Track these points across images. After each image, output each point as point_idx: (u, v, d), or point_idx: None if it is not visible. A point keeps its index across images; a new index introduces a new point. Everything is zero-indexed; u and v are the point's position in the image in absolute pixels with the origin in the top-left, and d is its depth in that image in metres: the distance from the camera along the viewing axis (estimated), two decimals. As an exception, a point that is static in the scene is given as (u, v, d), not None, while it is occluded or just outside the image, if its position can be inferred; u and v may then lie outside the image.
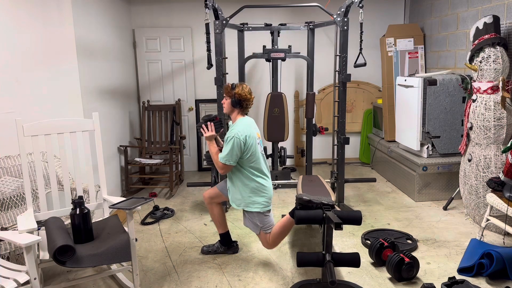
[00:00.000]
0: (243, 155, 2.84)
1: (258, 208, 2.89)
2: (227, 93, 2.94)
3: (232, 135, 2.79)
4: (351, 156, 5.99)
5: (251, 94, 2.95)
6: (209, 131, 2.97)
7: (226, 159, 2.81)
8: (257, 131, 2.99)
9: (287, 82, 5.78)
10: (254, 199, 2.89)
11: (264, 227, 2.90)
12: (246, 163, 2.87)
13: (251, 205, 2.89)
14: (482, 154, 3.56)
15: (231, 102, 2.93)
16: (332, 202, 2.67)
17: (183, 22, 5.52)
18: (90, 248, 2.32)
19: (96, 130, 2.85)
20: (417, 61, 5.25)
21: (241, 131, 2.81)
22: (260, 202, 2.89)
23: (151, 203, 4.35)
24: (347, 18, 3.85)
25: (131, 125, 5.26)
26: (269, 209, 2.95)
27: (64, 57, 3.59)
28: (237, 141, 2.77)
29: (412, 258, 2.78)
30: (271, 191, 2.98)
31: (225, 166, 2.84)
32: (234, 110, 2.97)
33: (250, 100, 2.95)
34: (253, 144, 2.85)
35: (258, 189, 2.89)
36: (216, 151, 2.95)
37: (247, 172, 2.89)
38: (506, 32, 3.72)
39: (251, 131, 2.87)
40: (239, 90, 2.89)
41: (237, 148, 2.78)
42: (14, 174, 2.92)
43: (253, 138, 2.86)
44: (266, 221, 2.91)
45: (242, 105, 2.93)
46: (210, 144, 2.99)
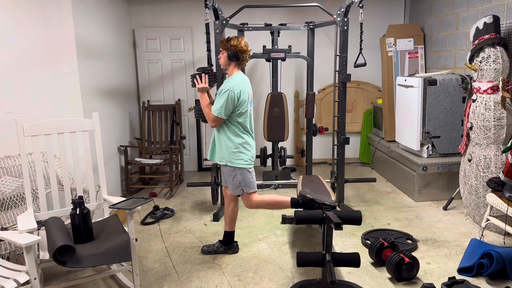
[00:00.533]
0: (234, 110, 2.84)
1: (242, 164, 2.90)
2: (223, 46, 2.91)
3: (227, 88, 2.78)
4: (351, 156, 5.99)
5: (247, 46, 2.92)
6: (203, 82, 2.95)
7: (218, 111, 2.80)
8: (251, 90, 3.00)
9: (287, 82, 5.78)
10: (238, 154, 2.91)
11: (246, 186, 2.92)
12: (234, 118, 2.88)
13: (234, 160, 2.91)
14: (482, 154, 3.56)
15: (227, 56, 2.90)
16: (334, 203, 2.68)
17: (183, 22, 5.52)
18: (90, 248, 2.32)
19: (96, 130, 2.85)
20: (417, 61, 5.25)
21: (236, 85, 2.81)
22: (244, 158, 2.92)
23: (151, 203, 4.35)
24: (347, 18, 3.85)
25: (131, 125, 5.26)
26: (252, 166, 2.97)
27: (64, 57, 3.59)
28: (232, 95, 2.77)
29: (412, 258, 2.78)
30: (254, 150, 3.01)
31: (216, 119, 2.83)
32: (230, 63, 2.94)
33: (246, 52, 2.91)
34: (246, 101, 2.86)
35: (243, 145, 2.92)
36: (208, 103, 2.93)
37: (235, 128, 2.90)
38: (506, 32, 3.72)
39: (245, 87, 2.88)
40: (235, 42, 2.87)
41: (231, 101, 2.78)
42: (14, 174, 2.92)
43: (246, 94, 2.87)
44: (248, 178, 2.92)
45: (238, 58, 2.90)
46: (201, 96, 2.96)
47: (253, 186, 3.00)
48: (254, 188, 3.02)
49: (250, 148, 2.97)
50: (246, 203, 3.06)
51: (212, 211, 4.17)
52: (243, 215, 4.03)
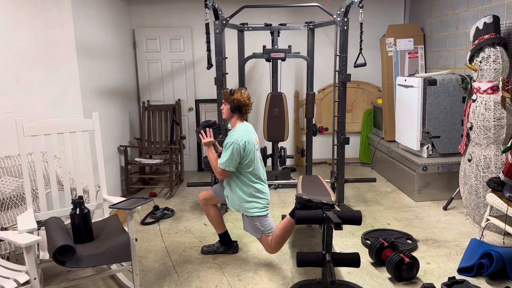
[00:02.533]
0: (242, 161, 2.84)
1: (257, 212, 2.89)
2: (226, 99, 2.94)
3: (231, 141, 2.79)
4: (351, 156, 5.99)
5: (250, 99, 2.95)
6: (208, 137, 2.97)
7: (225, 165, 2.81)
8: (256, 137, 2.99)
9: (287, 82, 5.78)
10: (253, 203, 2.90)
11: (265, 230, 2.90)
12: (244, 169, 2.88)
13: (249, 210, 2.90)
14: (482, 154, 3.56)
15: (230, 108, 2.93)
16: (331, 201, 2.67)
17: (183, 22, 5.52)
18: (90, 248, 2.32)
19: (96, 130, 2.84)
20: (417, 61, 5.25)
21: (241, 137, 2.81)
22: (259, 207, 2.90)
23: (151, 203, 4.35)
24: (347, 18, 3.85)
25: (131, 125, 5.26)
26: (268, 212, 2.96)
27: (64, 57, 3.59)
28: (237, 147, 2.77)
29: (412, 258, 2.78)
30: (268, 195, 3.00)
31: (224, 172, 2.84)
32: (233, 115, 2.96)
33: (249, 106, 2.94)
34: (252, 150, 2.86)
35: (256, 195, 2.91)
36: (215, 157, 2.95)
37: (245, 178, 2.89)
38: (506, 32, 3.72)
39: (250, 137, 2.87)
40: (238, 95, 2.89)
41: (237, 154, 2.78)
42: (14, 174, 2.92)
43: (252, 144, 2.86)
44: (266, 223, 2.91)
45: (241, 110, 2.93)
46: (208, 150, 2.98)
47: (272, 229, 2.94)
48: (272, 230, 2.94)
49: (263, 195, 2.94)
50: (267, 249, 2.96)
51: (212, 211, 4.17)
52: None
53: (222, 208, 4.06)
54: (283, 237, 2.85)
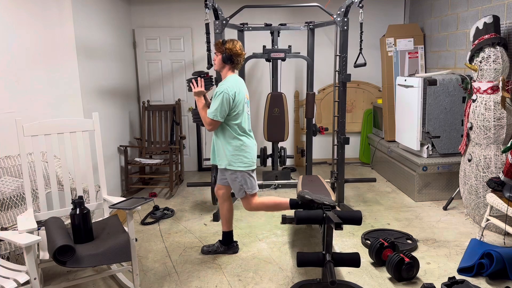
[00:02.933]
0: (230, 112, 2.83)
1: (242, 167, 2.89)
2: (218, 49, 2.91)
3: (221, 90, 2.78)
4: (351, 156, 5.99)
5: (242, 50, 2.92)
6: (199, 86, 2.95)
7: (214, 114, 2.79)
8: (246, 91, 2.99)
9: (287, 82, 5.78)
10: (238, 157, 2.89)
11: (248, 188, 2.91)
12: (231, 121, 2.87)
13: (234, 163, 2.89)
14: (482, 154, 3.56)
15: (222, 58, 2.90)
16: (333, 203, 2.68)
17: (183, 22, 5.52)
18: (90, 248, 2.32)
19: (96, 130, 2.85)
20: (417, 61, 5.25)
21: (231, 87, 2.80)
22: (244, 161, 2.89)
23: (151, 203, 4.35)
24: (347, 18, 3.85)
25: (131, 125, 5.26)
26: (253, 168, 2.96)
27: (64, 57, 3.59)
28: (226, 96, 2.77)
29: (412, 258, 2.78)
30: (255, 151, 2.98)
31: (213, 122, 2.83)
32: (225, 66, 2.94)
33: (241, 56, 2.91)
34: (241, 102, 2.85)
35: (242, 148, 2.90)
36: (204, 106, 2.93)
37: (232, 130, 2.89)
38: (506, 32, 3.72)
39: (240, 88, 2.87)
40: (230, 45, 2.87)
41: (226, 103, 2.78)
42: (14, 174, 2.92)
43: (242, 96, 2.87)
44: (250, 181, 2.91)
45: (233, 61, 2.90)
46: (198, 100, 2.95)
47: (254, 187, 2.99)
48: (255, 189, 3.01)
49: (250, 149, 2.95)
50: (246, 206, 3.05)
51: (212, 211, 4.17)
52: (243, 215, 4.03)
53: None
54: (268, 207, 2.91)
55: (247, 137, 2.96)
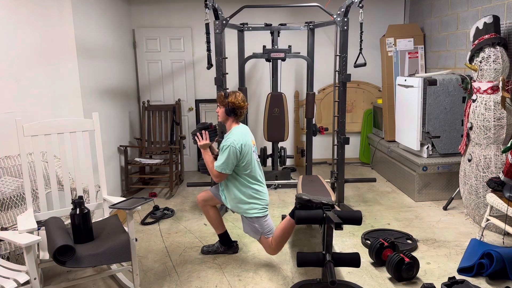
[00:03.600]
0: (238, 163, 2.84)
1: (256, 213, 2.89)
2: (221, 102, 2.95)
3: (228, 143, 2.79)
4: (351, 156, 5.99)
5: (244, 102, 2.95)
6: (204, 139, 2.97)
7: (222, 167, 2.81)
8: (252, 138, 3.00)
9: (287, 82, 5.78)
10: (251, 205, 2.90)
11: (264, 232, 2.90)
12: (241, 171, 2.88)
13: (248, 211, 2.90)
14: (482, 154, 3.56)
15: (225, 111, 2.94)
16: (332, 202, 2.67)
17: (183, 22, 5.52)
18: (90, 248, 2.32)
19: (96, 130, 2.84)
20: (417, 61, 5.25)
21: (237, 140, 2.81)
22: (258, 208, 2.90)
23: (151, 203, 4.35)
24: (347, 18, 3.85)
25: (131, 125, 5.26)
26: (267, 213, 2.96)
27: (64, 57, 3.59)
28: (233, 150, 2.77)
29: (412, 258, 2.78)
30: (267, 196, 2.99)
31: (220, 175, 2.85)
32: (228, 118, 2.97)
33: (243, 108, 2.95)
34: (248, 152, 2.86)
35: (254, 196, 2.90)
36: (211, 159, 2.95)
37: (243, 180, 2.90)
38: (506, 32, 3.72)
39: (246, 139, 2.88)
40: (232, 98, 2.90)
41: (233, 156, 2.79)
42: (14, 174, 2.92)
43: (248, 146, 2.86)
44: (266, 225, 2.91)
45: (236, 113, 2.94)
46: (204, 153, 2.98)
47: (272, 230, 2.94)
48: (272, 232, 2.95)
49: (262, 196, 2.94)
50: (268, 250, 2.96)
51: (212, 211, 4.16)
52: (243, 215, 4.03)
53: (222, 208, 4.06)
54: (283, 237, 2.84)
55: (258, 185, 2.95)
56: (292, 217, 2.72)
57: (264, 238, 2.91)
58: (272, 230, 2.93)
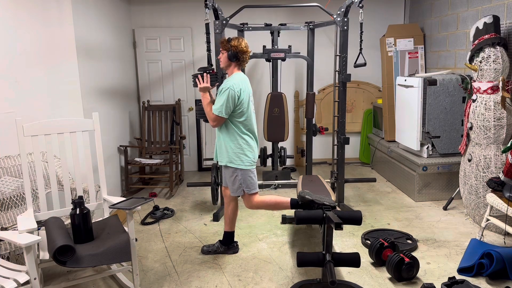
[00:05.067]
0: (235, 109, 2.83)
1: (242, 165, 2.90)
2: (224, 47, 2.92)
3: (227, 86, 2.79)
4: (351, 156, 5.99)
5: (247, 47, 2.92)
6: (204, 82, 2.95)
7: (219, 110, 2.80)
8: (251, 90, 3.00)
9: (287, 82, 5.78)
10: (239, 156, 2.90)
11: (247, 187, 2.91)
12: (236, 118, 2.88)
13: (234, 161, 2.90)
14: (482, 154, 3.56)
15: (227, 56, 2.91)
16: (334, 203, 2.68)
17: (183, 22, 5.52)
18: (90, 248, 2.32)
19: (96, 130, 2.84)
20: (417, 61, 5.25)
21: (236, 84, 2.81)
22: (245, 159, 2.90)
23: (151, 203, 4.35)
24: (347, 18, 3.85)
25: (131, 125, 5.26)
26: (253, 167, 2.96)
27: (64, 57, 3.59)
28: (232, 93, 2.77)
29: (412, 258, 2.78)
30: (256, 151, 2.99)
31: (217, 118, 2.83)
32: (231, 64, 2.94)
33: (247, 53, 2.92)
34: (246, 100, 2.86)
35: (244, 146, 2.91)
36: (209, 102, 2.93)
37: (236, 128, 2.89)
38: (506, 32, 3.72)
39: (246, 85, 2.89)
40: (236, 42, 2.88)
41: (231, 99, 2.78)
42: (14, 174, 2.92)
43: (247, 93, 2.87)
44: (250, 180, 2.91)
45: (239, 58, 2.91)
46: (203, 96, 2.96)
47: (254, 187, 2.99)
48: (255, 189, 3.02)
49: (252, 149, 2.96)
50: (246, 204, 3.06)
51: (212, 211, 4.17)
52: (243, 215, 4.03)
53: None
54: (269, 206, 2.92)
55: (250, 137, 2.97)
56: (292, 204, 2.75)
57: (247, 194, 2.94)
58: (255, 187, 2.95)
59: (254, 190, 2.99)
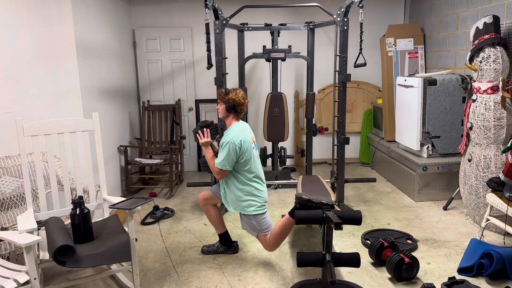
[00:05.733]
0: (238, 160, 2.86)
1: (254, 211, 2.90)
2: (221, 99, 2.97)
3: (227, 140, 2.81)
4: (351, 156, 5.99)
5: (244, 99, 2.97)
6: (205, 137, 2.99)
7: (222, 164, 2.83)
8: (252, 135, 3.01)
9: (287, 82, 5.78)
10: (250, 202, 2.91)
11: (262, 229, 2.91)
12: (241, 168, 2.89)
13: (246, 208, 2.91)
14: (482, 154, 3.56)
15: (225, 108, 2.95)
16: (331, 201, 2.67)
17: (183, 22, 5.52)
18: (90, 248, 2.32)
19: (96, 130, 2.85)
20: (417, 61, 5.25)
21: (236, 136, 2.83)
22: (256, 206, 2.91)
23: (151, 203, 4.35)
24: (347, 18, 3.85)
25: (131, 125, 5.26)
26: (265, 211, 2.96)
27: (64, 57, 3.59)
28: (233, 146, 2.80)
29: (412, 258, 2.78)
30: (266, 194, 3.01)
31: (221, 171, 2.86)
32: (229, 115, 2.99)
33: (244, 105, 2.97)
34: (248, 149, 2.88)
35: (253, 193, 2.91)
36: (212, 156, 2.97)
37: (242, 177, 2.91)
38: (506, 32, 3.72)
39: (246, 135, 2.89)
40: (233, 95, 2.92)
41: (233, 152, 2.80)
42: (14, 174, 2.92)
43: (248, 143, 2.88)
44: (263, 222, 2.92)
45: (236, 110, 2.95)
46: (205, 150, 3.01)
47: (269, 228, 2.96)
48: (270, 229, 2.96)
49: (260, 193, 2.95)
50: (266, 247, 2.97)
51: (212, 211, 4.16)
52: (243, 215, 4.03)
53: (222, 208, 4.06)
54: (281, 235, 2.86)
55: (257, 183, 2.96)
56: (292, 216, 2.73)
57: (262, 235, 2.93)
58: (270, 227, 2.94)
59: (269, 231, 2.94)
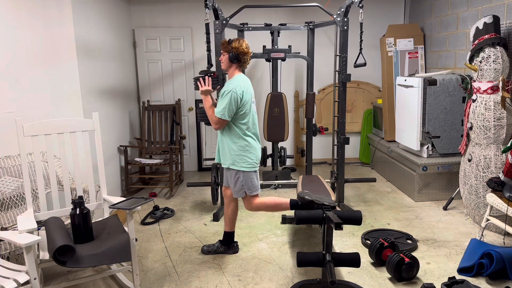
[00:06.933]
0: (237, 111, 2.83)
1: (245, 167, 2.89)
2: (224, 48, 2.91)
3: (229, 89, 2.78)
4: (351, 156, 5.99)
5: (248, 48, 2.91)
6: (206, 85, 2.94)
7: (222, 113, 2.79)
8: (253, 92, 2.99)
9: (287, 82, 5.78)
10: (242, 157, 2.89)
11: (248, 188, 2.91)
12: (238, 120, 2.87)
13: (237, 163, 2.89)
14: (482, 154, 3.56)
15: (228, 58, 2.90)
16: (333, 203, 2.67)
17: (183, 22, 5.52)
18: (90, 248, 2.32)
19: (96, 130, 2.85)
20: (417, 61, 5.25)
21: (238, 86, 2.80)
22: (247, 162, 2.90)
23: (151, 203, 4.35)
24: (347, 18, 3.85)
25: (131, 125, 5.26)
26: (256, 169, 2.96)
27: (64, 57, 3.59)
28: (234, 96, 2.76)
29: (412, 258, 2.78)
30: (259, 152, 2.99)
31: (220, 121, 2.83)
32: (231, 65, 2.93)
33: (247, 54, 2.91)
34: (248, 101, 2.86)
35: (247, 148, 2.90)
36: (211, 105, 2.93)
37: (238, 130, 2.89)
38: (506, 32, 3.72)
39: (247, 87, 2.88)
40: (237, 44, 2.87)
41: (234, 102, 2.78)
42: (14, 174, 2.92)
43: (249, 95, 2.87)
44: (251, 182, 2.91)
45: (240, 60, 2.90)
46: (205, 99, 2.96)
47: (256, 189, 2.99)
48: (257, 191, 3.01)
49: (254, 151, 2.95)
50: (246, 205, 3.06)
51: (212, 211, 4.17)
52: (243, 215, 4.03)
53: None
54: (269, 208, 2.92)
55: (252, 138, 2.96)
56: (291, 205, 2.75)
57: (248, 195, 2.94)
58: (256, 189, 2.94)
59: (255, 192, 2.98)
